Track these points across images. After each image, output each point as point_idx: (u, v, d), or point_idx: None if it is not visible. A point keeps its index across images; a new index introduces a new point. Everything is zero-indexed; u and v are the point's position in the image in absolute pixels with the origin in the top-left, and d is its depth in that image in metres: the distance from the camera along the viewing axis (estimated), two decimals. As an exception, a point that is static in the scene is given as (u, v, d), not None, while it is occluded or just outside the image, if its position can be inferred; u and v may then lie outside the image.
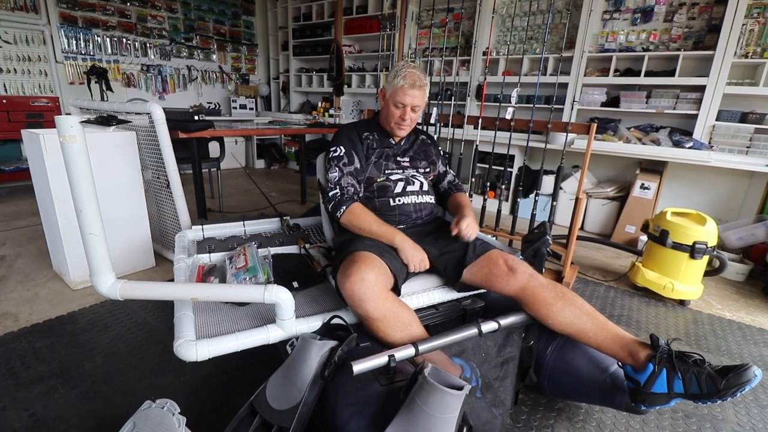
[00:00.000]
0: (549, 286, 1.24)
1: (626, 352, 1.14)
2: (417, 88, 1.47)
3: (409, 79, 1.46)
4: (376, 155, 1.56)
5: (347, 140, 1.54)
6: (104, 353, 1.58)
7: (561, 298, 1.22)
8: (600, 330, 1.18)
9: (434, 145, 1.77)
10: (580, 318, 1.19)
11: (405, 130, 1.58)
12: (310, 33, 5.43)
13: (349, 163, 1.50)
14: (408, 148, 1.66)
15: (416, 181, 1.60)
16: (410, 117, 1.52)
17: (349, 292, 1.15)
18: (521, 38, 3.87)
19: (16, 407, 1.30)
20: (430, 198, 1.63)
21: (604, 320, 1.21)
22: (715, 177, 3.19)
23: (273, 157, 5.93)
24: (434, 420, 0.89)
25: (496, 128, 2.50)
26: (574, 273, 2.42)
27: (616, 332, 1.18)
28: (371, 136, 1.59)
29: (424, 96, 1.51)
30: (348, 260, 1.26)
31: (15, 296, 1.98)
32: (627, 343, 1.15)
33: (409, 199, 1.56)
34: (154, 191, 2.38)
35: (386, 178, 1.56)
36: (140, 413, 0.93)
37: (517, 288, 1.26)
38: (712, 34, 3.01)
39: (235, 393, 1.38)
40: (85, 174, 0.99)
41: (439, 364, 1.08)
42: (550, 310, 1.21)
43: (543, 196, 3.28)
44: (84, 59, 4.43)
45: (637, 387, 1.10)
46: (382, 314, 1.15)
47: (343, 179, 1.47)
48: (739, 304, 2.25)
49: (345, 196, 1.44)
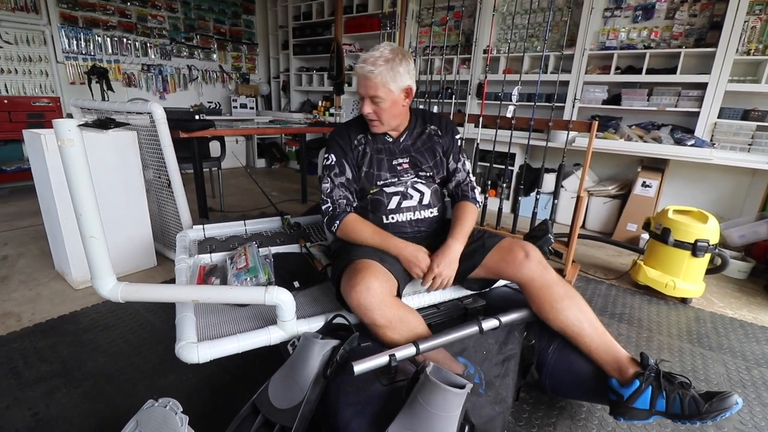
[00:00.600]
0: (559, 282, 1.23)
1: (615, 366, 1.15)
2: (365, 77, 1.27)
3: (357, 69, 1.29)
4: (367, 163, 1.41)
5: (338, 147, 1.42)
6: (106, 353, 1.59)
7: (568, 297, 1.21)
8: (597, 338, 1.18)
9: (445, 137, 1.50)
10: (581, 321, 1.19)
11: (377, 127, 1.38)
12: (311, 32, 5.42)
13: (340, 174, 1.40)
14: (410, 144, 1.46)
15: (415, 193, 1.43)
16: (372, 110, 1.32)
17: (355, 303, 1.14)
18: (522, 36, 3.86)
19: (19, 406, 1.30)
20: (431, 211, 1.45)
21: (603, 330, 1.20)
22: (717, 175, 3.18)
23: (274, 157, 5.93)
24: (436, 418, 0.89)
25: (497, 126, 2.49)
26: (575, 271, 2.42)
27: (611, 344, 1.18)
28: (365, 138, 1.44)
29: (381, 85, 1.27)
30: (350, 269, 1.22)
31: (17, 296, 1.98)
32: (618, 357, 1.16)
33: (404, 216, 1.42)
34: (155, 191, 2.39)
35: (379, 190, 1.42)
36: (143, 412, 0.93)
37: (529, 276, 1.24)
38: (714, 31, 3.00)
39: (237, 392, 1.39)
40: (84, 177, 0.99)
41: (441, 363, 1.08)
42: (554, 307, 1.20)
43: (544, 194, 3.27)
44: (85, 59, 4.43)
45: (620, 400, 1.12)
46: (389, 321, 1.14)
47: (335, 191, 1.39)
48: (741, 302, 2.25)
49: (337, 210, 1.38)
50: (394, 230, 1.41)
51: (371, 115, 1.34)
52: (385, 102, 1.31)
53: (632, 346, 1.77)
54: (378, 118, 1.35)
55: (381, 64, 1.26)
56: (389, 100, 1.31)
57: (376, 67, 1.25)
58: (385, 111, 1.33)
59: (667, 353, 1.73)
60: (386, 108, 1.32)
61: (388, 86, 1.28)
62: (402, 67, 1.29)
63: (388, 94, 1.29)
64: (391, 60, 1.27)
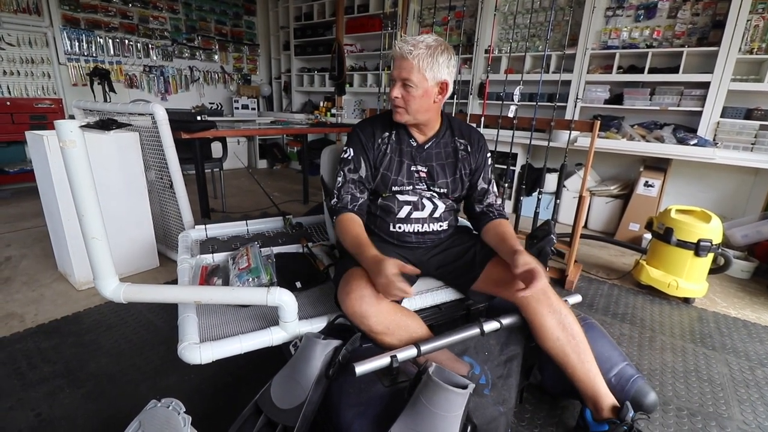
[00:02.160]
0: (557, 313, 1.17)
1: (593, 401, 1.15)
2: (404, 58, 1.21)
3: (396, 47, 1.23)
4: (386, 165, 1.35)
5: (358, 143, 1.36)
6: (109, 353, 1.59)
7: (560, 326, 1.17)
8: (580, 367, 1.15)
9: (474, 154, 1.41)
10: (567, 352, 1.16)
11: (401, 115, 1.29)
12: (312, 32, 5.43)
13: (354, 170, 1.35)
14: (432, 154, 1.38)
15: (428, 204, 1.38)
16: (401, 94, 1.25)
17: (351, 311, 1.13)
18: (524, 36, 3.85)
19: (22, 407, 1.31)
20: (440, 225, 1.40)
21: (591, 362, 1.16)
22: (720, 174, 3.17)
23: (275, 157, 5.94)
24: (439, 418, 0.89)
25: (498, 126, 2.49)
26: (577, 271, 2.41)
27: (594, 380, 1.15)
28: (390, 136, 1.37)
29: (417, 69, 1.20)
30: (346, 277, 1.21)
31: (20, 297, 1.99)
32: (597, 395, 1.14)
33: (411, 227, 1.37)
34: (157, 192, 2.39)
35: (392, 195, 1.37)
36: (146, 412, 0.93)
37: (527, 301, 1.19)
38: (717, 30, 2.99)
39: (239, 392, 1.39)
40: (87, 178, 0.99)
41: (445, 363, 1.08)
42: (544, 334, 1.18)
43: (546, 194, 3.27)
44: (87, 61, 4.45)
45: (585, 428, 1.18)
46: (386, 327, 1.13)
47: (344, 186, 1.35)
48: (744, 302, 2.24)
49: (339, 205, 1.34)
50: (399, 239, 1.40)
51: (398, 100, 1.25)
52: (417, 89, 1.23)
53: (635, 346, 1.76)
54: (404, 106, 1.26)
55: (422, 48, 1.20)
56: (422, 89, 1.23)
57: (416, 49, 1.19)
58: (415, 99, 1.25)
59: (669, 353, 1.72)
60: (417, 96, 1.24)
61: (423, 72, 1.21)
62: (442, 58, 1.22)
63: (422, 81, 1.22)
64: (432, 47, 1.21)
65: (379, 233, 1.42)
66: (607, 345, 1.28)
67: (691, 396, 1.47)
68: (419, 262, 1.42)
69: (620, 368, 1.22)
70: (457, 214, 1.51)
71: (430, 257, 1.44)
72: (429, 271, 1.45)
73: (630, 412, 1.09)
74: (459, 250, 1.43)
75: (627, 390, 1.18)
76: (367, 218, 1.42)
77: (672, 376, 1.58)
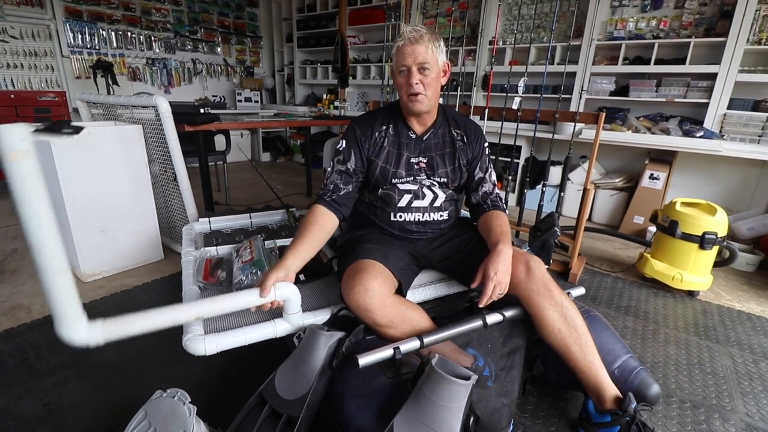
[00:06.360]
0: (559, 305, 1.18)
1: (595, 393, 1.16)
2: (417, 42, 1.22)
3: (406, 35, 1.24)
4: (384, 158, 1.36)
5: (352, 135, 1.38)
6: (115, 345, 1.57)
7: (563, 319, 1.17)
8: (582, 359, 1.16)
9: (471, 144, 1.43)
10: (569, 344, 1.17)
11: (422, 102, 1.27)
12: (315, 24, 5.39)
13: (343, 161, 1.36)
14: (430, 145, 1.39)
15: (428, 193, 1.39)
16: (419, 80, 1.24)
17: (354, 305, 1.13)
18: (528, 27, 3.81)
19: (30, 396, 1.33)
20: (440, 214, 1.41)
21: (593, 353, 1.17)
22: (726, 166, 3.14)
23: (278, 150, 5.93)
24: (442, 409, 0.90)
25: (502, 119, 2.47)
26: (581, 264, 2.41)
27: (598, 372, 1.16)
28: (388, 130, 1.38)
29: (430, 51, 1.23)
30: (350, 270, 1.21)
31: (27, 289, 2.01)
32: (600, 386, 1.15)
33: (412, 216, 1.38)
34: (161, 184, 2.40)
35: (392, 186, 1.38)
36: (151, 402, 0.94)
37: (528, 294, 1.20)
38: (724, 20, 2.94)
39: (244, 383, 1.40)
40: (42, 199, 0.75)
41: (448, 354, 1.08)
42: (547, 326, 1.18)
43: (550, 187, 3.24)
44: (90, 53, 4.44)
45: (588, 419, 1.19)
46: (390, 320, 1.14)
47: (331, 176, 1.36)
48: (749, 295, 2.23)
49: (320, 193, 1.35)
50: (399, 228, 1.41)
51: (419, 86, 1.24)
52: (432, 72, 1.25)
53: (638, 339, 1.76)
54: (424, 92, 1.26)
55: (426, 33, 1.24)
56: (435, 72, 1.26)
57: (425, 33, 1.24)
58: (431, 84, 1.27)
59: (673, 346, 1.72)
60: (433, 79, 1.26)
61: (435, 54, 1.25)
62: (441, 42, 1.29)
63: (435, 64, 1.25)
64: (431, 32, 1.26)
65: (380, 224, 1.43)
66: (610, 337, 1.28)
67: (694, 388, 1.47)
68: (421, 255, 1.43)
69: (623, 360, 1.22)
70: (458, 204, 1.51)
71: (431, 249, 1.44)
72: (432, 264, 1.45)
73: (633, 404, 1.09)
74: (460, 242, 1.43)
75: (630, 382, 1.19)
76: (368, 209, 1.44)
77: (675, 368, 1.58)
